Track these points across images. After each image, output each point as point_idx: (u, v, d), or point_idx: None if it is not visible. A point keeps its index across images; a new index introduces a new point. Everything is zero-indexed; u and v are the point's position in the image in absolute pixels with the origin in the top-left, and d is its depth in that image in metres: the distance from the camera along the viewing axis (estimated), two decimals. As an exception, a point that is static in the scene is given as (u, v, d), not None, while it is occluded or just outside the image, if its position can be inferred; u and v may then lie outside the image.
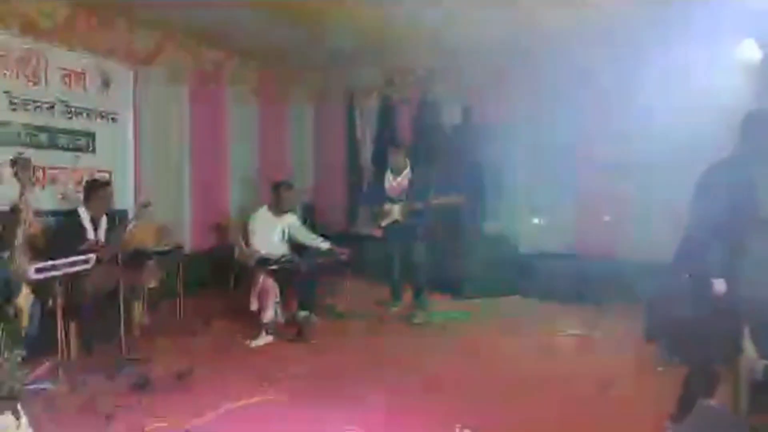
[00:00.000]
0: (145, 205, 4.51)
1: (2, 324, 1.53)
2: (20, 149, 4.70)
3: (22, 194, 1.80)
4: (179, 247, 5.22)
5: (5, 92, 4.82)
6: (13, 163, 1.89)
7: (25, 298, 1.56)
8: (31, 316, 2.64)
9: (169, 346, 4.58)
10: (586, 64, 6.25)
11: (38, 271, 3.26)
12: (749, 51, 5.37)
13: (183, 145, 6.54)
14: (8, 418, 1.52)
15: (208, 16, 5.56)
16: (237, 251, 5.69)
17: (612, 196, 6.33)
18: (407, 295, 6.20)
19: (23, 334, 1.51)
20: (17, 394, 1.52)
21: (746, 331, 3.17)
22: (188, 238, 6.49)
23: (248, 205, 6.82)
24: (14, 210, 1.75)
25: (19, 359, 1.53)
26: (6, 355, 1.47)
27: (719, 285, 2.95)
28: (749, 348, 3.19)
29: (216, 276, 6.37)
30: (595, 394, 3.83)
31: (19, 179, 1.85)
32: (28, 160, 1.91)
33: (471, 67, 7.03)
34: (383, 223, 6.07)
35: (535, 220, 6.94)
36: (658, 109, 5.66)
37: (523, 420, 3.44)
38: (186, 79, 6.54)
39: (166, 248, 4.97)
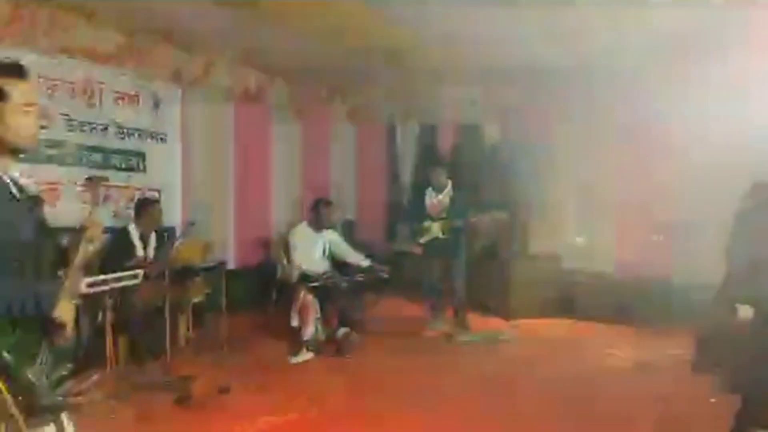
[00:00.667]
0: (192, 224, 4.65)
1: (46, 339, 1.59)
2: (76, 169, 5.01)
3: (90, 212, 1.88)
4: (223, 264, 5.33)
5: (63, 114, 5.06)
6: (89, 181, 1.99)
7: (65, 311, 1.62)
8: (80, 329, 2.73)
9: (212, 361, 4.66)
10: (630, 83, 6.13)
11: (89, 285, 3.40)
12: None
13: (228, 164, 6.71)
14: (51, 429, 1.58)
15: (252, 38, 5.71)
16: (279, 268, 5.78)
17: (658, 216, 6.15)
18: (448, 314, 6.15)
19: (69, 347, 1.57)
20: (61, 406, 1.57)
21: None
22: (232, 254, 6.62)
23: (291, 223, 6.93)
24: (81, 228, 1.82)
25: (65, 372, 1.58)
26: (47, 370, 1.53)
27: (744, 311, 2.84)
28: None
29: (259, 292, 6.46)
30: (640, 425, 3.69)
31: (89, 198, 1.95)
32: (100, 179, 2.00)
33: (511, 87, 6.99)
34: (423, 241, 6.07)
35: (579, 239, 6.79)
36: (706, 128, 5.51)
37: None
38: (231, 99, 6.73)
39: (211, 264, 5.08)
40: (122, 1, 4.74)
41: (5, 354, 1.46)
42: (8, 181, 1.62)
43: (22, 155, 1.70)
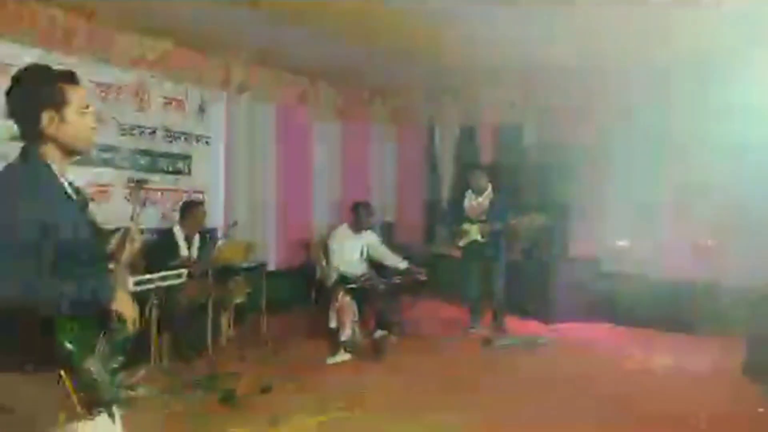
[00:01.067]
0: (234, 224, 4.76)
1: (108, 332, 1.66)
2: (127, 172, 5.20)
3: (134, 213, 1.96)
4: (264, 265, 5.44)
5: (113, 118, 5.26)
6: (134, 183, 2.08)
7: (124, 304, 1.69)
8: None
9: (253, 360, 4.76)
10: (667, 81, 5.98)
11: (136, 284, 3.54)
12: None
13: (270, 166, 6.83)
14: (103, 420, 1.65)
15: (296, 43, 5.81)
16: (318, 270, 5.86)
17: (708, 220, 5.96)
18: (486, 317, 6.12)
19: (124, 341, 1.64)
20: (118, 399, 1.64)
21: None
22: (273, 255, 6.74)
23: (331, 224, 7.01)
24: (126, 229, 1.91)
25: (116, 365, 1.66)
26: (102, 366, 1.60)
27: None
28: None
29: (298, 293, 6.56)
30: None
31: (133, 199, 2.03)
32: (143, 182, 2.09)
33: (550, 88, 6.90)
34: (461, 243, 6.05)
35: (621, 243, 6.63)
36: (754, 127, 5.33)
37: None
38: (273, 102, 6.85)
39: (252, 265, 5.20)
40: (169, 12, 4.89)
41: (68, 344, 1.53)
42: (64, 182, 1.71)
43: (78, 157, 1.79)
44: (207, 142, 6.18)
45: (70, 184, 1.73)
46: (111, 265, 1.90)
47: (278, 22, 5.07)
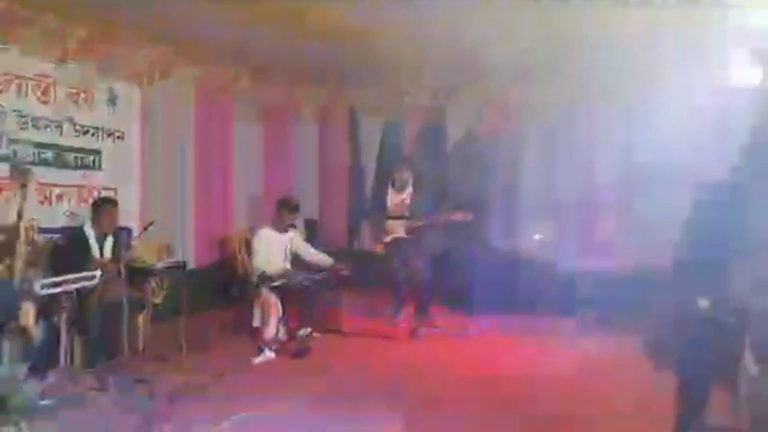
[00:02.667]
0: (151, 223, 4.57)
1: (9, 340, 1.56)
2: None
3: (20, 207, 1.84)
4: (183, 264, 5.26)
5: (14, 111, 4.90)
6: (13, 169, 1.91)
7: (27, 316, 1.59)
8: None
9: (171, 363, 4.60)
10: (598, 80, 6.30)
11: (44, 287, 3.32)
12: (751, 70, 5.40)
13: (187, 162, 6.61)
14: (10, 430, 1.56)
15: (214, 32, 5.64)
16: (240, 268, 5.74)
17: (611, 208, 6.37)
18: (408, 311, 6.22)
19: (28, 349, 1.53)
20: (23, 407, 1.55)
21: (747, 347, 3.18)
22: (191, 254, 6.53)
23: (252, 222, 6.88)
24: (14, 227, 1.79)
25: (22, 374, 1.56)
26: (12, 371, 1.51)
27: (703, 302, 2.99)
28: (751, 365, 3.19)
29: (218, 292, 6.41)
30: (596, 411, 3.83)
31: (18, 188, 1.87)
32: (27, 169, 1.94)
33: (473, 85, 7.11)
34: (386, 239, 6.12)
35: (537, 236, 6.95)
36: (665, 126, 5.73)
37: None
38: (191, 96, 6.63)
39: (170, 265, 5.01)
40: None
41: None
42: None
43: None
44: (120, 137, 5.89)
45: None
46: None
47: (196, 6, 4.89)
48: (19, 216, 1.78)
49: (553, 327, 6.06)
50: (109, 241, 4.69)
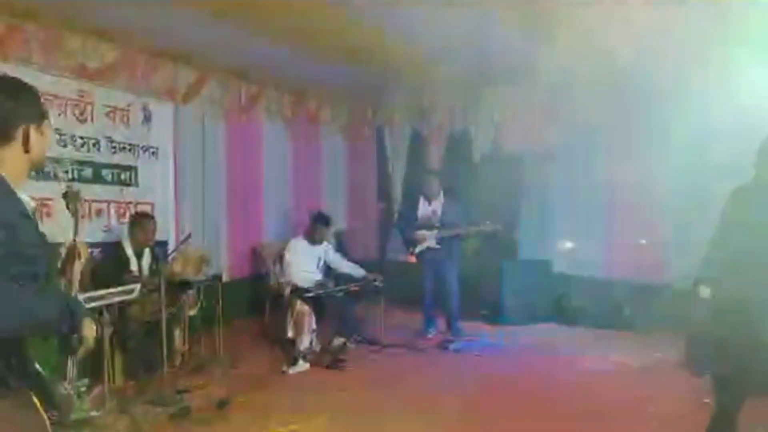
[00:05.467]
0: (187, 237, 4.65)
1: (73, 356, 1.60)
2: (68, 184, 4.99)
3: (75, 227, 1.88)
4: (218, 277, 5.32)
5: (55, 129, 5.05)
6: (65, 195, 1.96)
7: (89, 327, 1.63)
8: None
9: (209, 375, 4.65)
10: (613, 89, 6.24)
11: (86, 301, 3.40)
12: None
13: (220, 177, 6.72)
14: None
15: (245, 50, 5.75)
16: (273, 280, 5.79)
17: (646, 220, 6.24)
18: (441, 322, 6.19)
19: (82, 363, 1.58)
20: (82, 421, 1.58)
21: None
22: (225, 267, 6.61)
23: (282, 234, 6.95)
24: (72, 243, 1.84)
25: (84, 389, 1.60)
26: (72, 385, 1.54)
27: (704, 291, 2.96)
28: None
29: (253, 304, 6.47)
30: (633, 428, 3.75)
31: (70, 211, 1.91)
32: (77, 193, 1.98)
33: (501, 95, 7.09)
34: (417, 250, 6.11)
35: (569, 245, 6.86)
36: (691, 132, 5.63)
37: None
38: (223, 113, 6.75)
39: (206, 277, 5.08)
40: (110, 17, 4.74)
41: (36, 365, 1.47)
42: (21, 198, 1.64)
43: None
44: (154, 153, 6.02)
45: (26, 202, 1.66)
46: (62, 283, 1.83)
47: (222, 25, 4.99)
48: (75, 235, 1.83)
49: (585, 338, 5.98)
50: (146, 255, 4.79)
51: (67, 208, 1.85)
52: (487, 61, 5.89)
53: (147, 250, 4.80)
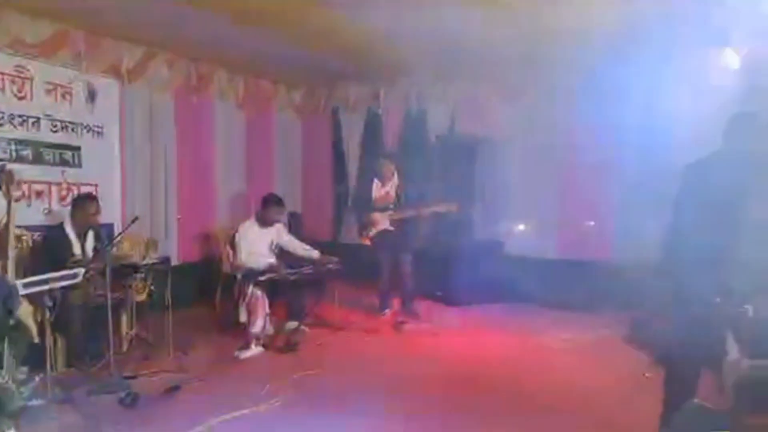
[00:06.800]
0: (134, 220, 4.49)
1: (5, 342, 1.52)
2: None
3: (8, 207, 1.79)
4: (167, 260, 5.18)
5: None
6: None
7: (25, 312, 1.55)
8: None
9: (157, 360, 4.55)
10: (569, 71, 6.34)
11: (26, 285, 3.25)
12: (729, 57, 5.45)
13: (169, 157, 6.53)
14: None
15: (193, 29, 5.58)
16: (225, 263, 5.68)
17: (597, 201, 6.42)
18: (396, 303, 6.23)
19: (24, 350, 1.50)
20: (21, 411, 1.52)
21: (730, 333, 3.24)
22: (175, 250, 6.46)
23: (236, 216, 6.84)
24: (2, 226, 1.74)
25: (23, 376, 1.52)
26: (9, 374, 1.47)
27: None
28: (733, 349, 3.26)
29: (204, 288, 6.35)
30: (587, 401, 3.87)
31: (2, 192, 1.79)
32: (10, 172, 1.86)
33: (458, 77, 7.11)
34: (372, 233, 6.11)
35: (522, 227, 6.99)
36: (641, 114, 5.79)
37: (516, 428, 3.47)
38: (172, 93, 6.54)
39: (154, 261, 4.93)
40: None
41: None
42: None
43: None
44: (99, 132, 5.79)
45: None
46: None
47: (176, 6, 4.83)
48: (8, 217, 1.73)
49: (539, 317, 6.13)
50: (90, 239, 4.62)
51: (-1, 188, 1.75)
52: (444, 43, 5.86)
53: (91, 233, 4.62)
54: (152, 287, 4.92)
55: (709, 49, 5.43)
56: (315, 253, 5.49)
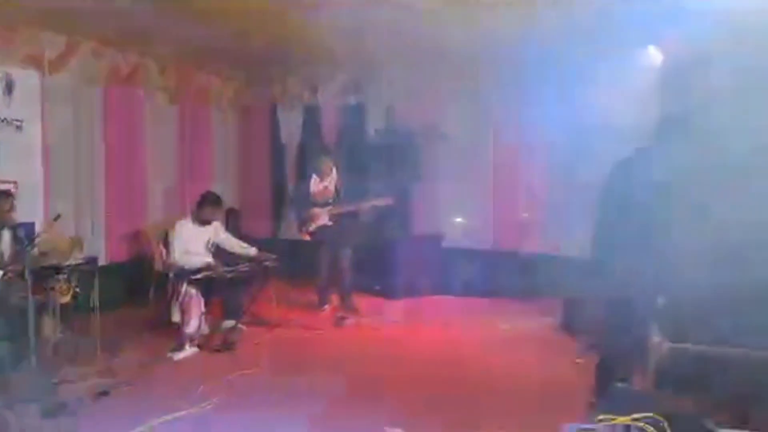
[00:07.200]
0: (56, 218, 4.27)
1: None
2: None
3: None
4: (93, 260, 4.95)
5: None
6: None
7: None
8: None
9: (86, 365, 4.34)
10: (501, 65, 6.47)
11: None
12: (653, 56, 5.68)
13: (96, 152, 6.23)
14: None
15: (121, 19, 5.33)
16: (157, 262, 5.50)
17: (531, 195, 6.60)
18: (335, 299, 6.20)
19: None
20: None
21: (653, 318, 3.40)
22: (104, 249, 6.18)
23: (168, 213, 6.62)
24: None
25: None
26: None
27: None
28: (655, 333, 3.42)
29: (135, 288, 6.11)
30: (519, 386, 3.98)
31: None
32: None
33: (397, 71, 7.13)
34: (311, 228, 6.06)
35: (458, 220, 7.11)
36: (570, 111, 5.97)
37: (450, 416, 3.52)
38: (99, 85, 6.24)
39: (79, 261, 4.70)
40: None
41: None
42: None
43: None
44: (18, 126, 5.46)
45: None
46: None
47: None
48: None
49: (478, 308, 6.26)
50: (6, 238, 4.36)
51: None
52: (382, 38, 5.85)
53: (7, 233, 4.36)
54: (77, 289, 4.68)
55: (635, 48, 5.65)
56: (252, 251, 5.39)
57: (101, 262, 5.76)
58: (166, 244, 5.26)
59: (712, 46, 4.35)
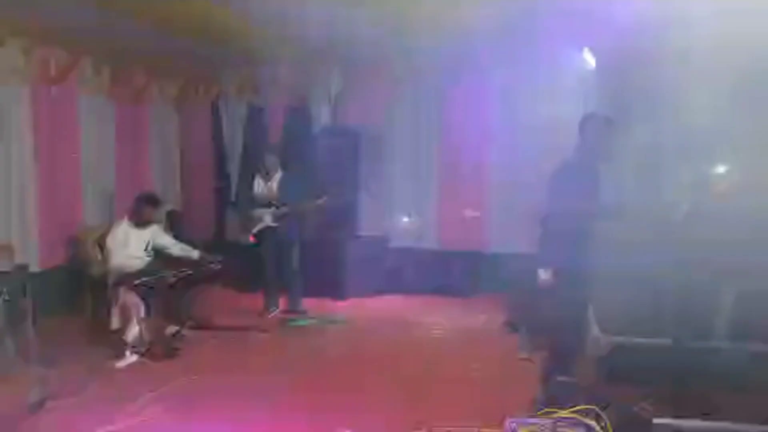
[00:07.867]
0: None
1: None
2: None
3: None
4: (23, 267, 4.70)
5: None
6: None
7: None
8: None
9: (18, 377, 4.12)
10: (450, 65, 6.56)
11: None
12: (587, 59, 5.89)
13: (25, 156, 5.91)
14: None
15: (51, 14, 5.07)
16: (95, 268, 5.28)
17: (475, 194, 6.74)
18: (282, 301, 6.14)
19: None
20: None
21: (591, 313, 3.55)
22: (35, 255, 5.88)
23: (105, 216, 6.38)
24: None
25: None
26: None
27: (545, 274, 3.35)
28: (594, 328, 3.57)
29: (72, 295, 5.85)
30: (464, 383, 4.05)
31: None
32: None
33: (341, 69, 7.11)
34: (255, 230, 5.97)
35: (405, 219, 7.17)
36: (512, 113, 6.14)
37: (396, 415, 3.55)
38: (27, 84, 5.92)
39: (4, 270, 4.45)
40: None
41: None
42: None
43: None
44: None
45: None
46: None
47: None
48: None
49: (423, 306, 6.34)
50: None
51: None
52: (325, 36, 5.80)
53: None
54: (6, 298, 4.43)
55: (569, 49, 5.84)
56: (194, 253, 5.26)
57: (33, 268, 5.47)
58: (104, 250, 5.06)
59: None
